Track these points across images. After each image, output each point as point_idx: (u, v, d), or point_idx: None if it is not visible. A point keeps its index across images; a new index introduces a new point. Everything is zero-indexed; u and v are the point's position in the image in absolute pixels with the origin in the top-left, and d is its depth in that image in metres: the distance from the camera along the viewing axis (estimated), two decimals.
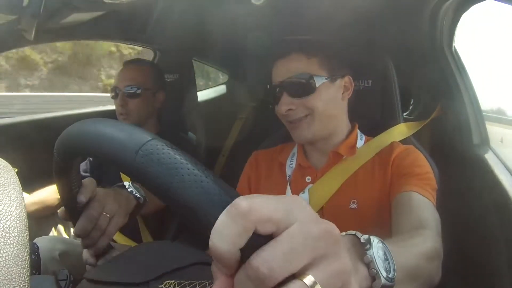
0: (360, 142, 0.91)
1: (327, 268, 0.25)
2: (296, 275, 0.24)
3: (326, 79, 0.84)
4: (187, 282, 0.36)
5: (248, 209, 0.25)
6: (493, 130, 1.13)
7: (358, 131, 0.93)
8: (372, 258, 0.38)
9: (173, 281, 0.37)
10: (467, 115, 1.05)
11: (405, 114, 1.47)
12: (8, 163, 0.39)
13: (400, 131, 0.98)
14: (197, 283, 0.37)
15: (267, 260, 0.24)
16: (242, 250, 0.25)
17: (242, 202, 0.25)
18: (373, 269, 0.37)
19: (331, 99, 0.86)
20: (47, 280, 0.45)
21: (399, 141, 0.95)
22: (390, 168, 0.83)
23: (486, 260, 0.87)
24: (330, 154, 0.88)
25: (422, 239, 0.60)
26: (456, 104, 1.08)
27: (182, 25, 1.34)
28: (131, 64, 1.35)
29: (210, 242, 0.25)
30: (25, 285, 0.27)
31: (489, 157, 0.96)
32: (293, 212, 0.26)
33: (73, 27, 1.17)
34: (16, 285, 0.27)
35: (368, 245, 0.39)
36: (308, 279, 0.24)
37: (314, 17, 1.13)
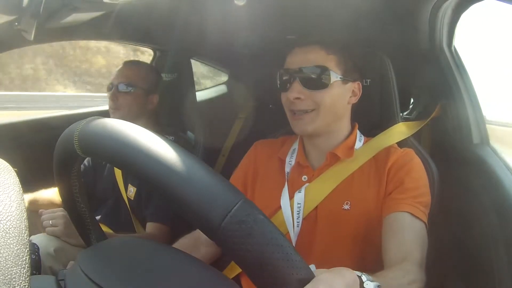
0: (358, 144, 0.91)
1: None
2: None
3: (340, 78, 0.85)
4: None
5: None
6: None
7: (357, 132, 0.93)
8: None
9: None
10: (467, 115, 1.04)
11: (405, 113, 1.47)
12: (8, 164, 0.39)
13: (399, 130, 0.98)
14: None
15: None
16: None
17: None
18: None
19: (339, 99, 0.86)
20: (48, 280, 0.45)
21: (400, 141, 0.95)
22: (385, 177, 0.83)
23: (485, 259, 0.87)
24: (327, 155, 0.88)
25: (405, 280, 0.67)
26: (456, 104, 1.08)
27: (181, 25, 1.34)
28: (129, 63, 1.39)
29: None
30: (25, 285, 0.27)
31: (489, 156, 0.96)
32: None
33: (73, 27, 1.17)
34: (16, 285, 0.27)
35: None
36: None
37: (314, 17, 1.13)
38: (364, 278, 0.48)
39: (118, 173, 1.28)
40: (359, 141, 0.91)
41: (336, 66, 0.85)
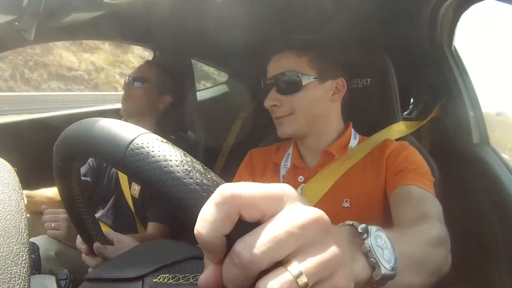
0: (353, 142, 0.91)
1: (314, 257, 0.25)
2: (281, 263, 0.24)
3: (314, 78, 0.84)
4: (181, 276, 0.36)
5: (230, 195, 0.25)
6: None
7: (352, 130, 0.92)
8: (370, 247, 0.37)
9: (168, 275, 0.37)
10: (467, 115, 1.05)
11: (405, 113, 1.47)
12: (8, 163, 0.39)
13: (398, 129, 0.98)
14: (191, 276, 0.37)
15: (250, 245, 0.24)
16: (229, 237, 0.25)
17: (225, 188, 0.25)
18: (371, 259, 0.36)
19: (317, 99, 0.86)
20: (48, 279, 0.45)
21: (398, 139, 0.95)
22: (384, 166, 0.83)
23: (485, 259, 0.87)
24: (321, 153, 0.88)
25: (425, 227, 0.60)
26: (456, 104, 1.08)
27: (181, 24, 1.34)
28: (148, 62, 1.48)
29: (195, 230, 0.25)
30: (25, 285, 0.27)
31: (489, 156, 0.96)
32: (281, 199, 0.26)
33: (73, 27, 1.17)
34: (16, 284, 0.27)
35: (366, 235, 0.38)
36: (293, 267, 0.24)
37: (314, 17, 1.13)
38: (356, 224, 0.40)
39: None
40: (354, 139, 0.91)
41: (309, 66, 0.85)
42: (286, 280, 0.23)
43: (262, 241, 0.24)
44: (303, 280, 0.24)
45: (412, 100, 1.53)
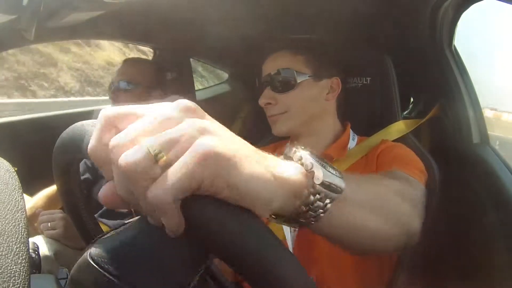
0: (352, 143, 0.90)
1: (169, 131, 0.28)
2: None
3: (309, 77, 0.85)
4: (121, 228, 0.37)
5: (104, 111, 0.30)
6: None
7: (350, 131, 0.92)
8: (302, 157, 0.35)
9: (114, 231, 0.38)
10: (467, 114, 1.04)
11: (405, 113, 1.47)
12: (8, 163, 0.39)
13: (398, 128, 0.98)
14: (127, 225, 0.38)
15: (116, 137, 0.28)
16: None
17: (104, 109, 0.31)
18: (307, 163, 0.35)
19: (312, 98, 0.86)
20: (47, 279, 0.45)
21: (399, 140, 0.95)
22: (375, 164, 0.82)
23: (486, 259, 0.87)
24: (320, 155, 0.87)
25: (391, 181, 0.58)
26: (456, 103, 1.08)
27: (181, 24, 1.34)
28: (129, 61, 1.38)
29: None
30: (25, 284, 0.27)
31: (489, 156, 0.96)
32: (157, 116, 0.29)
33: (73, 27, 1.17)
34: (16, 283, 0.27)
35: (294, 149, 0.37)
36: (146, 140, 0.27)
37: (314, 16, 1.13)
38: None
39: None
40: (353, 140, 0.91)
41: (305, 65, 0.85)
42: (138, 150, 0.26)
43: (125, 131, 0.28)
44: (161, 155, 0.26)
45: (412, 100, 1.53)
